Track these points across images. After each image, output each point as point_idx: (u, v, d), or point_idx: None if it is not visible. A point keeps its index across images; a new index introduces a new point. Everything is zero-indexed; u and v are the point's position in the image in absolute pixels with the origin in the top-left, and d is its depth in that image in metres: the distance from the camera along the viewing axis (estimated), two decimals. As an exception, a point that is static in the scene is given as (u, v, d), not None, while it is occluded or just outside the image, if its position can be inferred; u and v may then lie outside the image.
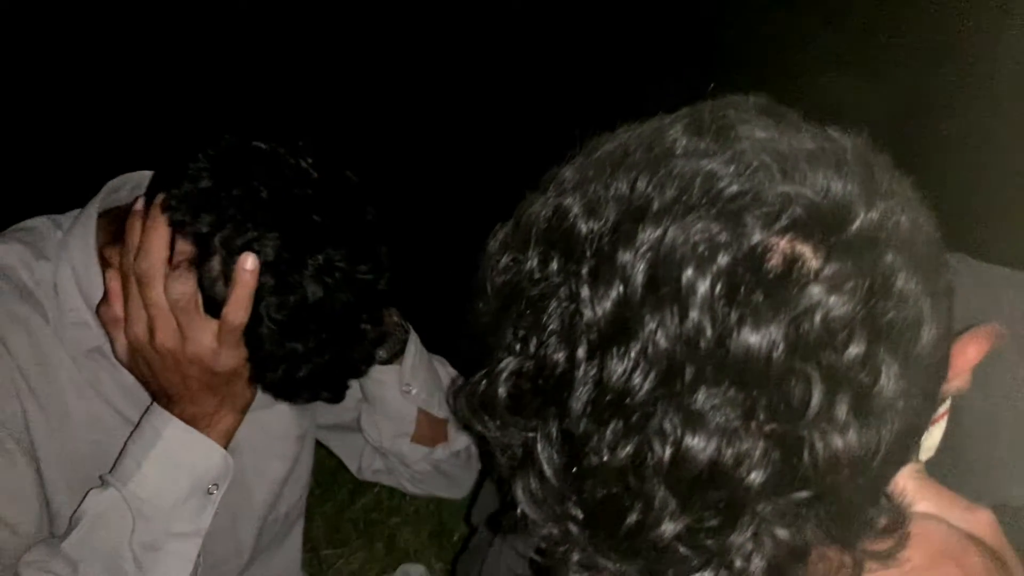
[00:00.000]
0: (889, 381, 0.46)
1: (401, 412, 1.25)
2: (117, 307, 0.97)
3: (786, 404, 0.45)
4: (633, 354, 0.46)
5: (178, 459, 0.99)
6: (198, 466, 1.00)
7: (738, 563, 0.48)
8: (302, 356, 0.96)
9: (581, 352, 0.48)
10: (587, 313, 0.48)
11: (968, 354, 0.57)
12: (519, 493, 0.53)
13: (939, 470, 0.74)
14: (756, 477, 0.46)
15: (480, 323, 0.56)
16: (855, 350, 0.45)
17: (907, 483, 0.57)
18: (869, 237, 0.47)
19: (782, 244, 0.46)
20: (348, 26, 3.48)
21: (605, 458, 0.47)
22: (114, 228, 1.04)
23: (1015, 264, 0.79)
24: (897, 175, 0.52)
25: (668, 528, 0.47)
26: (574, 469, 0.49)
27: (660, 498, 0.47)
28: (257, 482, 1.21)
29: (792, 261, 0.46)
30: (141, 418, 1.04)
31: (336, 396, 1.06)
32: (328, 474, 1.96)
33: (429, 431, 1.28)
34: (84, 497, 1.01)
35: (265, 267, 0.92)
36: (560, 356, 0.49)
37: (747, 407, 0.45)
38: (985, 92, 2.72)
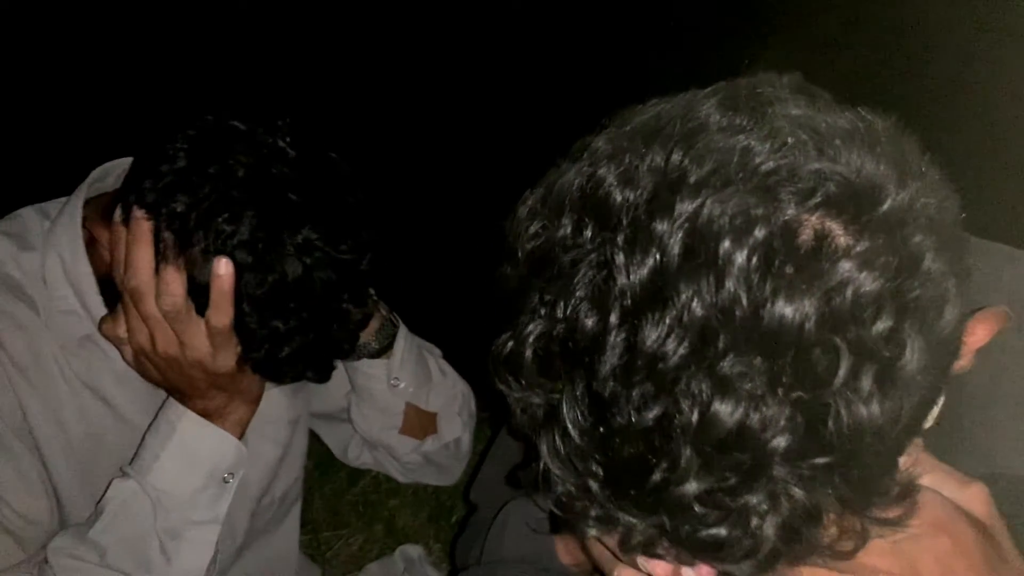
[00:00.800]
0: (913, 356, 0.48)
1: (389, 405, 1.25)
2: (119, 326, 1.00)
3: (813, 374, 0.47)
4: (668, 320, 0.47)
5: (194, 451, 1.03)
6: (213, 456, 1.03)
7: (754, 522, 0.50)
8: (284, 335, 0.96)
9: (614, 318, 0.49)
10: (621, 280, 0.49)
11: (977, 334, 0.58)
12: (543, 450, 0.54)
13: (939, 438, 0.76)
14: (780, 442, 0.47)
15: (505, 287, 0.57)
16: (882, 325, 0.47)
17: (909, 455, 0.59)
18: (899, 217, 0.48)
19: (814, 220, 0.47)
20: (346, 22, 3.47)
21: (633, 419, 0.49)
22: (100, 216, 1.04)
23: (1015, 244, 0.80)
24: (926, 158, 0.53)
25: (691, 487, 0.49)
26: (600, 429, 0.51)
27: (686, 458, 0.48)
28: (250, 466, 1.23)
29: (824, 237, 0.47)
30: (158, 413, 1.06)
31: (321, 376, 1.07)
32: (327, 457, 1.96)
33: (418, 424, 1.29)
34: (107, 487, 1.04)
35: (242, 245, 0.92)
36: (591, 321, 0.50)
37: (775, 375, 0.47)
38: (988, 74, 2.72)
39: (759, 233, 0.47)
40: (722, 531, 0.50)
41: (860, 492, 0.51)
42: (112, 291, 1.01)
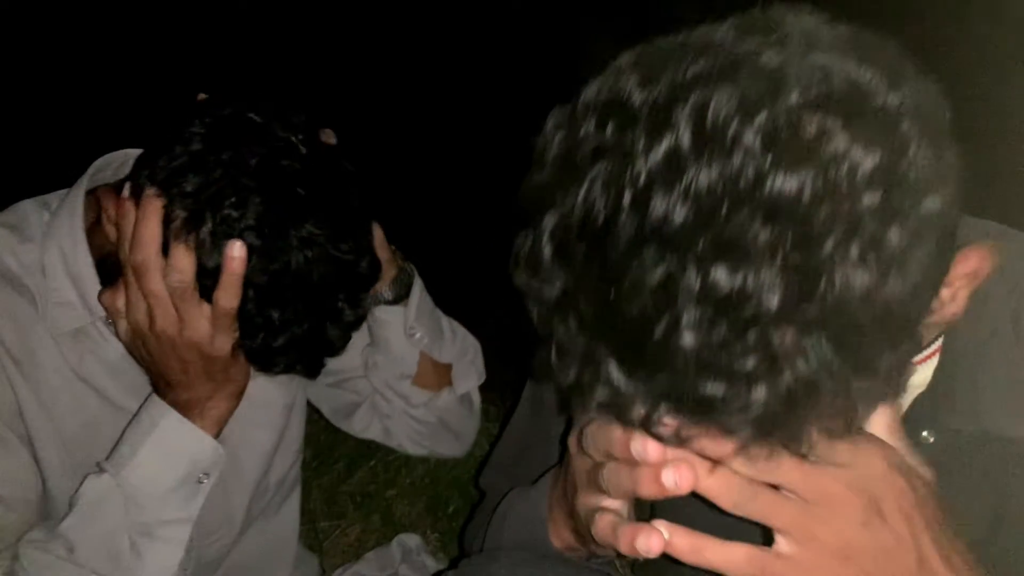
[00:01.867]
0: (898, 231, 0.53)
1: (404, 354, 1.28)
2: (119, 298, 0.99)
3: (808, 239, 0.51)
4: (677, 191, 0.52)
5: (172, 449, 1.03)
6: (190, 456, 1.04)
7: (749, 385, 0.54)
8: (280, 325, 0.98)
9: (628, 197, 0.54)
10: (639, 163, 0.54)
11: (970, 260, 0.63)
12: (556, 332, 0.59)
13: (931, 398, 0.80)
14: (774, 301, 0.52)
15: (528, 197, 0.61)
16: (871, 199, 0.52)
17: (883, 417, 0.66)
18: (892, 111, 0.54)
19: (815, 107, 0.53)
20: (348, 20, 3.47)
21: (640, 280, 0.54)
22: (99, 206, 1.05)
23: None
24: (921, 73, 0.58)
25: (689, 340, 0.53)
26: (611, 294, 0.55)
27: (687, 315, 0.53)
28: (245, 452, 1.24)
29: (823, 120, 0.52)
30: (140, 408, 1.06)
31: (310, 372, 1.08)
32: (325, 448, 1.99)
33: (433, 376, 1.31)
34: (82, 481, 1.03)
35: (248, 230, 0.93)
36: (606, 200, 0.55)
37: (773, 240, 0.52)
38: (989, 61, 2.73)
39: (764, 115, 0.52)
40: (719, 389, 0.55)
41: (852, 365, 0.55)
42: (111, 281, 1.02)
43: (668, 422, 0.59)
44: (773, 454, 0.61)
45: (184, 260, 0.94)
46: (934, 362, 0.81)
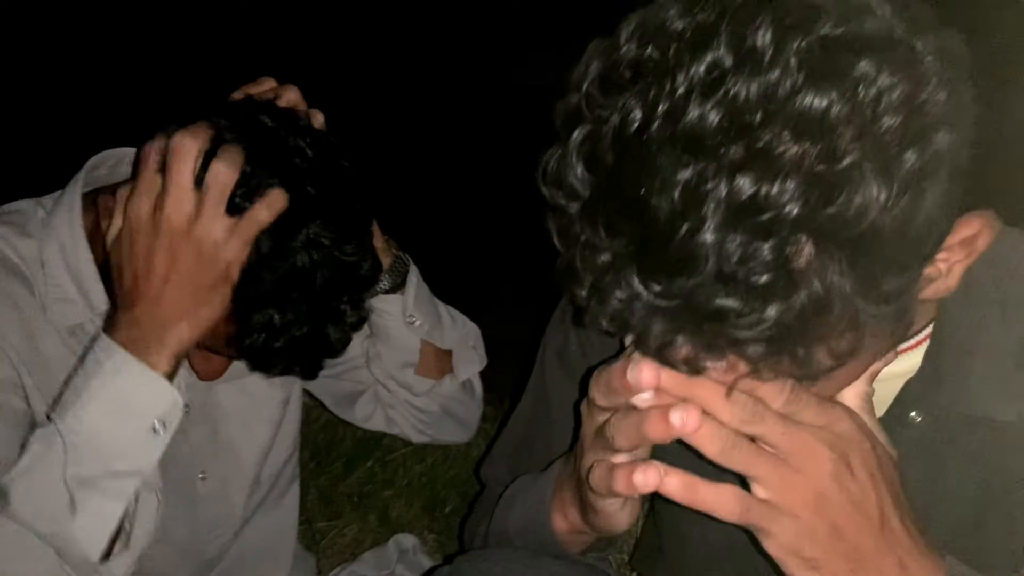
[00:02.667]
0: (914, 155, 0.56)
1: (405, 343, 1.28)
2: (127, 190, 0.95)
3: (832, 153, 0.54)
4: (713, 99, 0.55)
5: (120, 394, 0.93)
6: (140, 401, 0.94)
7: (765, 300, 0.56)
8: (281, 327, 0.97)
9: (664, 106, 0.57)
10: (679, 78, 0.56)
11: (972, 224, 0.66)
12: (581, 237, 0.61)
13: (923, 382, 0.83)
14: (794, 208, 0.55)
15: (562, 117, 0.62)
16: (891, 121, 0.55)
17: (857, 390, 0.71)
18: (915, 52, 0.58)
19: (849, 36, 0.56)
20: (348, 21, 3.47)
21: (670, 178, 0.56)
22: (97, 207, 1.06)
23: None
24: (946, 24, 0.62)
25: (710, 238, 0.55)
26: (642, 191, 0.57)
27: (712, 216, 0.55)
28: (244, 446, 1.24)
29: (854, 49, 0.56)
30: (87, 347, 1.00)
31: (308, 373, 1.08)
32: (323, 448, 1.99)
33: (435, 363, 1.31)
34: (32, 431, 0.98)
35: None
36: (643, 108, 0.58)
37: (799, 152, 0.55)
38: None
39: (801, 40, 0.55)
40: (734, 302, 0.57)
41: (861, 285, 0.58)
42: (111, 283, 1.01)
43: (681, 345, 0.61)
44: (781, 378, 0.64)
45: (235, 155, 0.93)
46: (923, 348, 0.83)
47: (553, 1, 3.48)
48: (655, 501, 1.09)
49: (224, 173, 0.92)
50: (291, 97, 1.07)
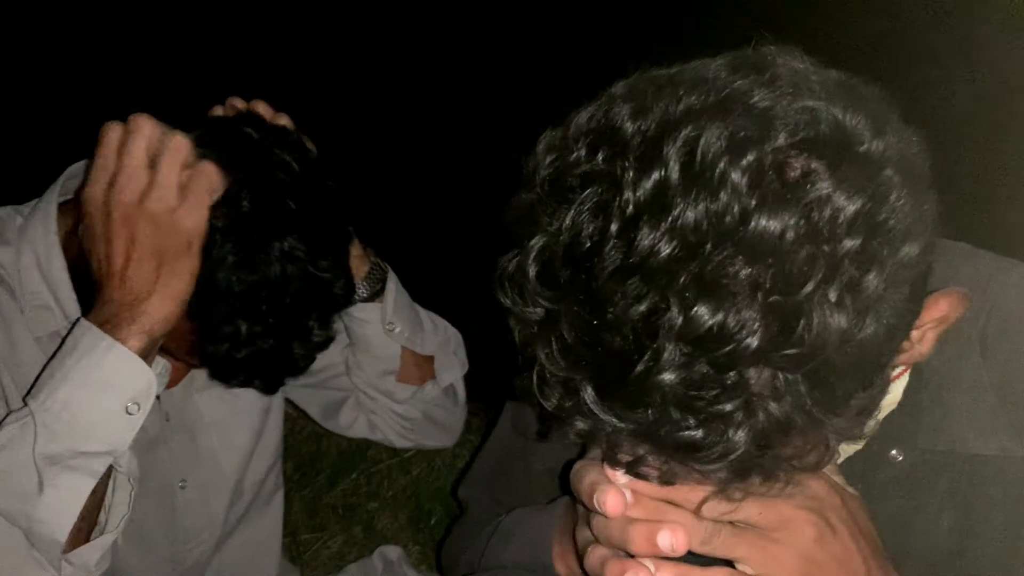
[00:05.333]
0: (876, 277, 0.54)
1: (385, 350, 1.27)
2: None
3: (788, 280, 0.52)
4: (664, 226, 0.53)
5: (92, 371, 0.92)
6: (115, 380, 0.93)
7: (728, 429, 0.55)
8: (246, 338, 0.97)
9: (615, 226, 0.55)
10: (627, 194, 0.54)
11: (940, 305, 0.65)
12: (539, 355, 0.59)
13: (901, 417, 0.82)
14: (753, 342, 0.53)
15: (516, 215, 0.61)
16: (852, 243, 0.53)
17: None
18: (875, 156, 0.55)
19: (801, 150, 0.54)
20: (346, 23, 3.48)
21: (623, 313, 0.54)
22: (73, 216, 1.05)
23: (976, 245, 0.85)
24: (901, 121, 0.60)
25: (668, 378, 0.54)
26: (594, 322, 0.55)
27: (668, 352, 0.53)
28: (225, 455, 1.24)
29: (808, 163, 0.54)
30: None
31: (268, 388, 1.07)
32: (307, 460, 1.98)
33: (416, 370, 1.31)
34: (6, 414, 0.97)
35: (231, 234, 0.94)
36: (594, 228, 0.56)
37: (755, 279, 0.53)
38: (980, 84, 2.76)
39: (752, 155, 0.53)
40: (698, 434, 0.55)
41: (825, 406, 0.56)
42: (84, 287, 1.00)
43: (652, 462, 0.61)
44: (749, 494, 0.63)
45: (183, 137, 0.93)
46: (903, 382, 0.82)
47: (553, 1, 3.49)
48: None
49: (177, 144, 0.91)
50: (261, 110, 1.08)
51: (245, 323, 0.96)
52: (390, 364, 1.28)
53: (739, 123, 0.54)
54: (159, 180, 0.90)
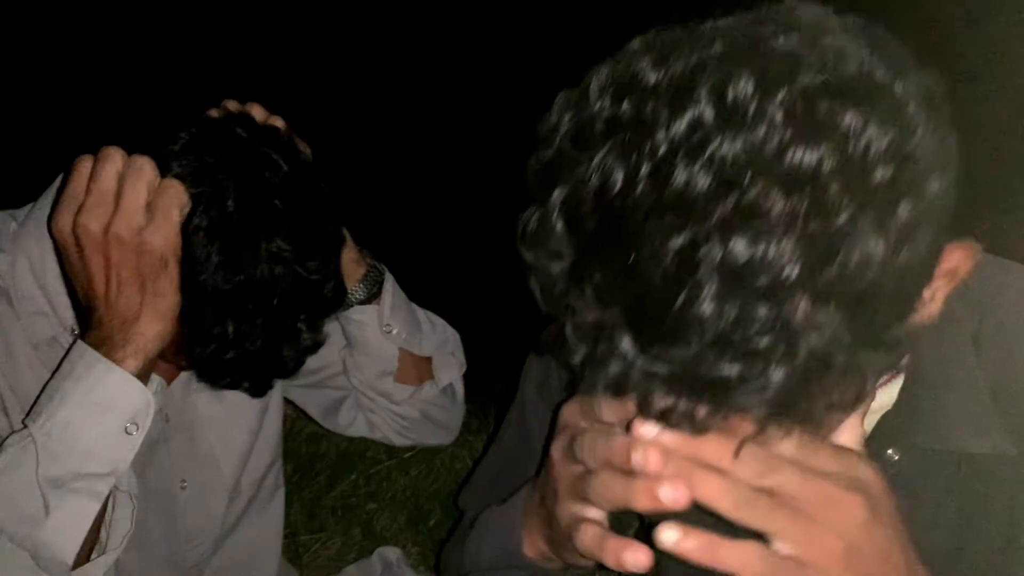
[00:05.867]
0: (908, 206, 0.55)
1: (383, 352, 1.27)
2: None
3: (826, 210, 0.53)
4: (700, 162, 0.54)
5: (91, 393, 0.94)
6: (112, 400, 0.94)
7: (766, 365, 0.55)
8: (233, 339, 0.96)
9: (646, 167, 0.55)
10: (659, 135, 0.55)
11: (955, 255, 0.65)
12: (571, 304, 0.59)
13: (897, 417, 0.82)
14: (794, 270, 0.53)
15: (534, 172, 0.61)
16: (883, 173, 0.54)
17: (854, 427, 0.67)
18: (899, 94, 0.57)
19: (830, 88, 0.55)
20: (345, 23, 3.48)
21: (662, 246, 0.54)
22: None
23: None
24: (922, 64, 0.61)
25: (709, 309, 0.54)
26: (631, 260, 0.55)
27: (708, 283, 0.54)
28: (223, 454, 1.24)
29: (838, 100, 0.55)
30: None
31: (256, 391, 1.07)
32: (306, 461, 1.98)
33: (414, 370, 1.31)
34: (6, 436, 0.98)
35: (215, 234, 0.94)
36: (624, 170, 0.56)
37: (793, 211, 0.53)
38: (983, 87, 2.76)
39: (784, 92, 0.54)
40: (737, 369, 0.55)
41: (863, 340, 0.57)
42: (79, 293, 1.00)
43: (686, 410, 0.60)
44: (787, 434, 0.62)
45: (146, 161, 0.92)
46: (898, 382, 0.83)
47: (553, 2, 3.49)
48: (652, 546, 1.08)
49: (139, 166, 0.91)
50: (256, 113, 1.08)
51: (232, 324, 0.96)
52: (388, 365, 1.28)
53: (767, 64, 0.55)
54: (123, 204, 0.91)
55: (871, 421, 0.84)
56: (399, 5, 3.54)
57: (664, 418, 0.61)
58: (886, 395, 0.83)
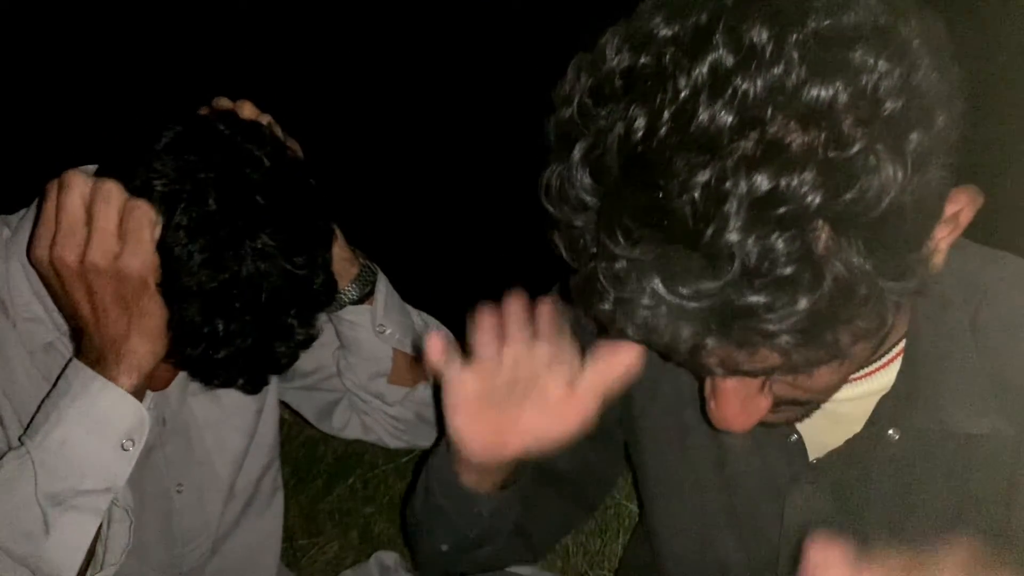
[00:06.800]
0: (917, 136, 0.59)
1: (376, 353, 1.27)
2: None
3: (843, 141, 0.57)
4: (721, 101, 0.57)
5: (87, 411, 0.95)
6: (108, 418, 0.96)
7: (794, 293, 0.58)
8: (224, 337, 0.97)
9: (668, 111, 0.58)
10: (681, 80, 0.58)
11: (960, 198, 0.67)
12: (601, 247, 0.61)
13: (898, 399, 0.84)
14: (816, 198, 0.56)
15: (556, 133, 0.63)
16: (894, 104, 0.58)
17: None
18: (904, 32, 0.60)
19: (840, 28, 0.59)
20: (344, 23, 3.49)
21: (688, 180, 0.57)
22: None
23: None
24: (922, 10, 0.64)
25: (737, 238, 0.57)
26: (659, 197, 0.58)
27: (735, 215, 0.57)
28: (219, 457, 1.24)
29: (848, 38, 0.58)
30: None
31: (251, 388, 1.07)
32: (303, 465, 1.98)
33: (408, 372, 1.30)
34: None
35: (197, 233, 0.94)
36: (646, 116, 0.59)
37: (812, 143, 0.57)
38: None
39: (797, 34, 0.58)
40: (762, 298, 0.58)
41: (882, 269, 0.60)
42: None
43: (712, 347, 0.62)
44: (814, 368, 0.65)
45: (113, 185, 0.92)
46: (897, 365, 0.84)
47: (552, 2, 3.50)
48: (648, 518, 1.09)
49: (106, 191, 0.92)
50: (246, 111, 1.08)
51: (222, 322, 0.96)
52: (381, 366, 1.28)
53: (779, 10, 0.58)
54: (95, 233, 0.92)
55: (870, 404, 0.86)
56: (393, 4, 3.54)
57: (692, 358, 0.64)
58: (884, 378, 0.85)
